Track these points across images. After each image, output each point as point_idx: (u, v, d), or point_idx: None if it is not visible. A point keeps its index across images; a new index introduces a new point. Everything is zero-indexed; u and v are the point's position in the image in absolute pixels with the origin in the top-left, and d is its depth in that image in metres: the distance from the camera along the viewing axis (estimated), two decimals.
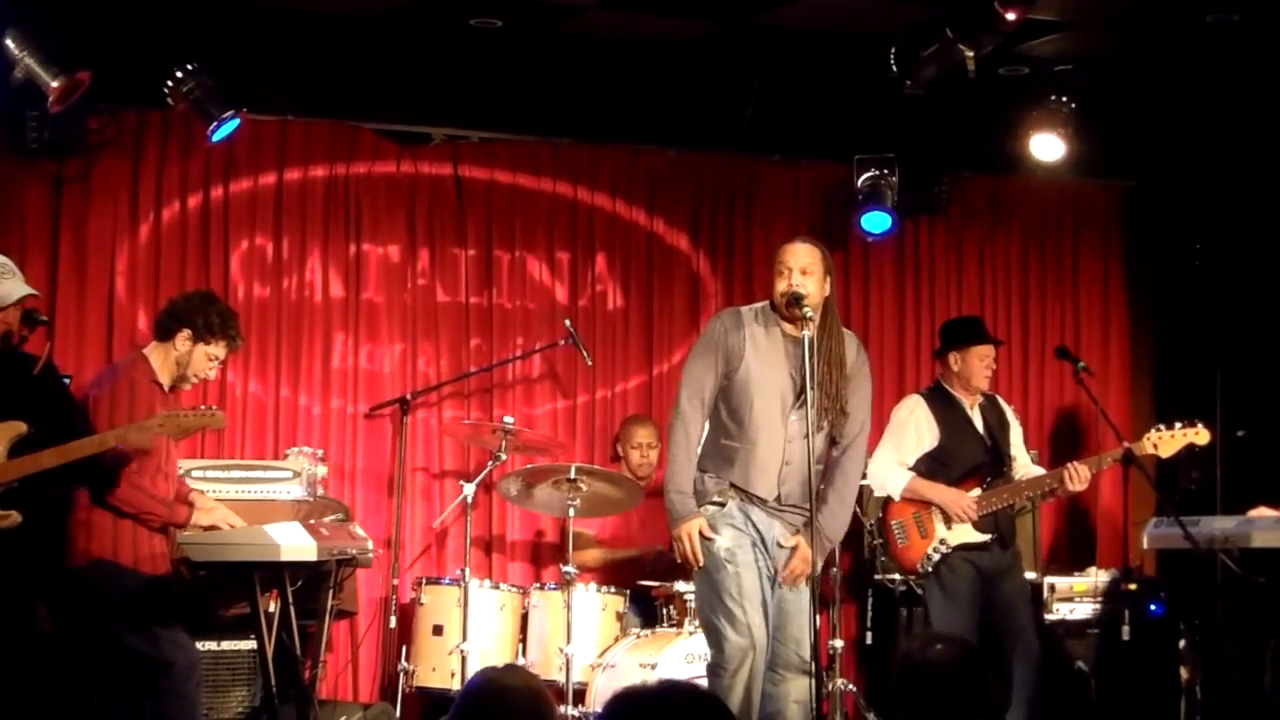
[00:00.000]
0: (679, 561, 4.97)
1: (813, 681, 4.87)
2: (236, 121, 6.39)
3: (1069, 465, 6.00)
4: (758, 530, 4.93)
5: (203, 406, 5.29)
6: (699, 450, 5.03)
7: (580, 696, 6.18)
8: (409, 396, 6.89)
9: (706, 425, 5.03)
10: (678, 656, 6.03)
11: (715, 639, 4.92)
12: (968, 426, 6.11)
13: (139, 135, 6.69)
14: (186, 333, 5.30)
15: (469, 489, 6.52)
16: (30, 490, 4.91)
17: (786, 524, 4.96)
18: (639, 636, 6.27)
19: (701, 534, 4.88)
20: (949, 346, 6.19)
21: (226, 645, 5.92)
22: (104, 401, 5.20)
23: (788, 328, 4.97)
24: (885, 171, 7.34)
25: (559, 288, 7.31)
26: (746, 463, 4.91)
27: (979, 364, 6.10)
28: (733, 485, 4.93)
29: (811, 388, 4.83)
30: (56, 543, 5.25)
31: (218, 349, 5.34)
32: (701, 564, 4.89)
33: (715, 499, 4.94)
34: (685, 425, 4.95)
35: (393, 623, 6.62)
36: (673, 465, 4.96)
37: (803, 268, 4.94)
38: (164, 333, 5.36)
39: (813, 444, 4.84)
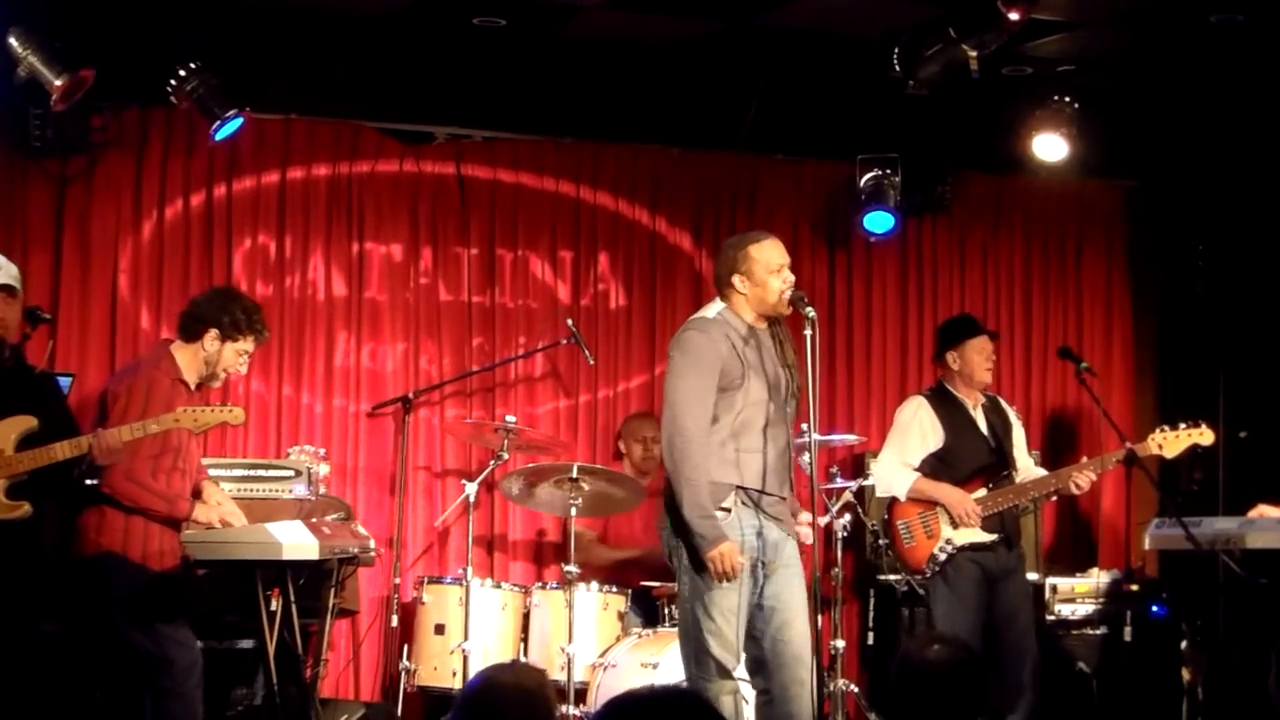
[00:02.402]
0: (716, 580, 4.71)
1: (812, 678, 4.84)
2: (240, 120, 6.39)
3: (1073, 469, 6.01)
4: (759, 536, 4.82)
5: (219, 404, 5.31)
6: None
7: (582, 696, 6.18)
8: (411, 395, 6.89)
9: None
10: (679, 656, 6.01)
11: (699, 654, 4.80)
12: (972, 427, 6.11)
13: (142, 134, 6.69)
14: (214, 332, 5.33)
15: (471, 488, 6.52)
16: (45, 482, 4.93)
17: (775, 521, 4.85)
18: (640, 636, 6.27)
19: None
20: (945, 346, 6.19)
21: (228, 644, 5.93)
22: (121, 397, 5.23)
23: (756, 324, 4.90)
24: (888, 171, 7.34)
25: (561, 287, 7.31)
26: (762, 466, 4.82)
27: (978, 358, 6.09)
28: (740, 490, 4.80)
29: (812, 382, 4.80)
30: (68, 534, 5.27)
31: (246, 344, 5.38)
32: (737, 576, 4.70)
33: (722, 505, 4.81)
34: (695, 449, 4.71)
35: (394, 622, 6.62)
36: (690, 490, 4.69)
37: (789, 264, 4.91)
38: (190, 334, 5.37)
39: (813, 439, 4.82)
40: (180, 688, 5.18)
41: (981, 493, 5.98)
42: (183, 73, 6.25)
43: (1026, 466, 6.23)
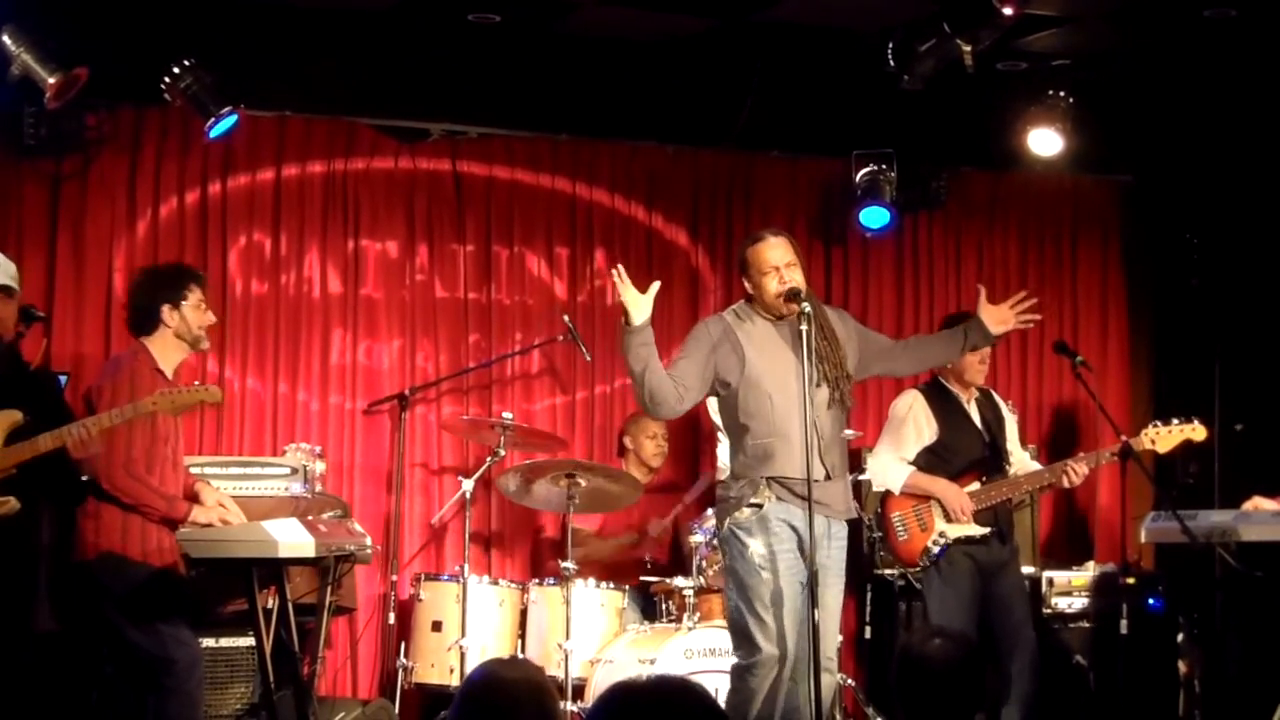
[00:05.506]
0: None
1: (811, 675, 4.85)
2: (234, 118, 6.37)
3: (1067, 463, 6.03)
4: (795, 531, 4.89)
5: (196, 383, 5.30)
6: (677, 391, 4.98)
7: (579, 692, 6.18)
8: (408, 392, 6.90)
9: (726, 439, 5.11)
10: (676, 652, 6.03)
11: (745, 644, 4.92)
12: (966, 421, 6.12)
13: (136, 132, 6.69)
14: (166, 308, 5.33)
15: (468, 485, 6.52)
16: (39, 478, 4.92)
17: (817, 507, 4.84)
18: (638, 632, 6.28)
19: None
20: None
21: (225, 642, 5.93)
22: (105, 393, 5.22)
23: (773, 318, 5.00)
24: (884, 167, 7.34)
25: (558, 283, 7.31)
26: (786, 452, 4.89)
27: (972, 358, 6.09)
28: (770, 480, 4.89)
29: (818, 380, 4.87)
30: (65, 535, 5.26)
31: (195, 295, 5.38)
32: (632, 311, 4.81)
33: (752, 501, 4.91)
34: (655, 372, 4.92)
35: (391, 619, 6.62)
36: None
37: (786, 263, 4.97)
38: (148, 325, 5.35)
39: (810, 435, 4.84)
40: (183, 686, 5.17)
41: (975, 486, 6.00)
42: (176, 70, 6.24)
43: (1021, 460, 6.25)
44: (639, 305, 4.81)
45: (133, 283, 5.62)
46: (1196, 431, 6.05)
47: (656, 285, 4.86)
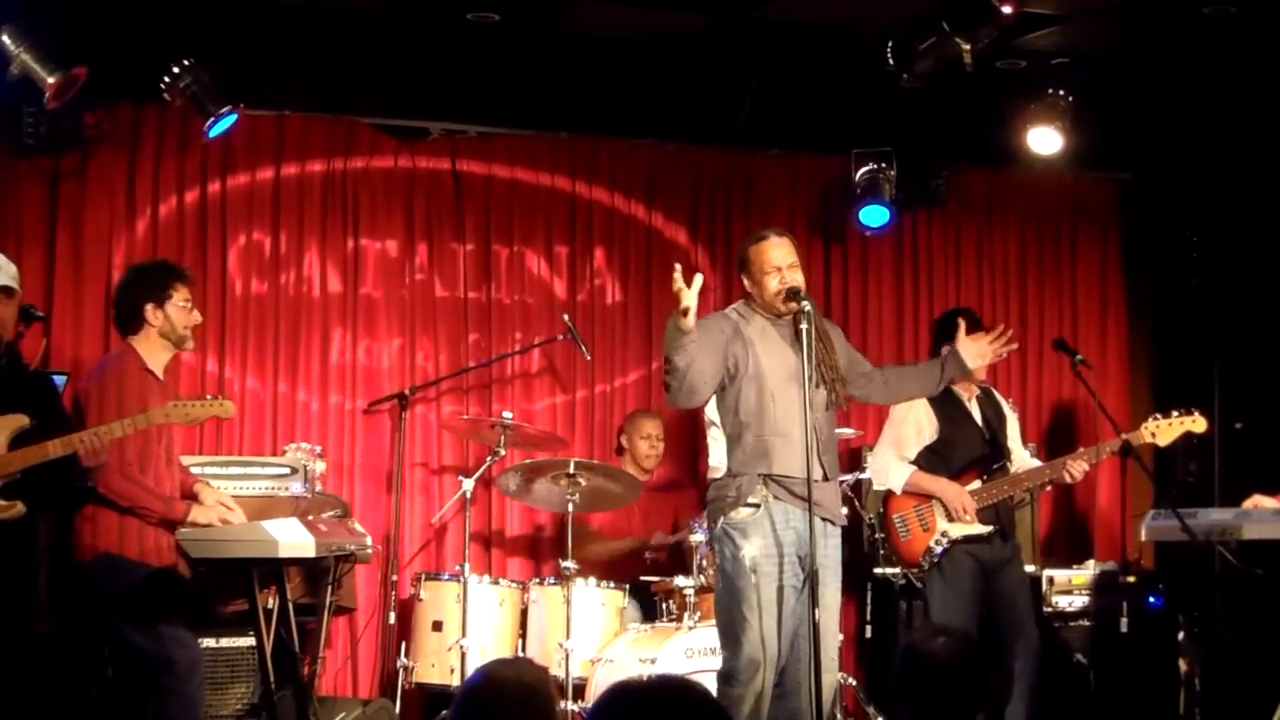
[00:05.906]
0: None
1: (812, 675, 4.85)
2: (234, 117, 6.37)
3: (1066, 460, 6.03)
4: (795, 531, 4.89)
5: (209, 396, 5.30)
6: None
7: (580, 692, 6.18)
8: (407, 392, 6.89)
9: (723, 436, 5.08)
10: (677, 651, 6.03)
11: (731, 647, 4.92)
12: (967, 419, 6.12)
13: (135, 130, 6.68)
14: (150, 307, 5.31)
15: (468, 484, 6.52)
16: (40, 482, 4.91)
17: (812, 507, 4.86)
18: (639, 631, 6.27)
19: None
20: (941, 340, 6.19)
21: (225, 642, 5.92)
22: (93, 395, 5.21)
23: (771, 318, 5.03)
24: (883, 165, 7.34)
25: (557, 282, 7.30)
26: (785, 452, 4.91)
27: None
28: (770, 479, 4.90)
29: (816, 381, 4.89)
30: (63, 537, 5.25)
31: (181, 294, 5.35)
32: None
33: (750, 500, 4.92)
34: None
35: (392, 619, 6.62)
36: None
37: (789, 264, 4.99)
38: (133, 324, 5.33)
39: (810, 434, 4.85)
40: (183, 687, 5.16)
41: (976, 485, 6.00)
42: (176, 69, 6.24)
43: (1021, 458, 6.25)
44: (695, 303, 4.77)
45: (119, 282, 5.61)
46: (1196, 423, 6.05)
47: (700, 278, 4.81)
